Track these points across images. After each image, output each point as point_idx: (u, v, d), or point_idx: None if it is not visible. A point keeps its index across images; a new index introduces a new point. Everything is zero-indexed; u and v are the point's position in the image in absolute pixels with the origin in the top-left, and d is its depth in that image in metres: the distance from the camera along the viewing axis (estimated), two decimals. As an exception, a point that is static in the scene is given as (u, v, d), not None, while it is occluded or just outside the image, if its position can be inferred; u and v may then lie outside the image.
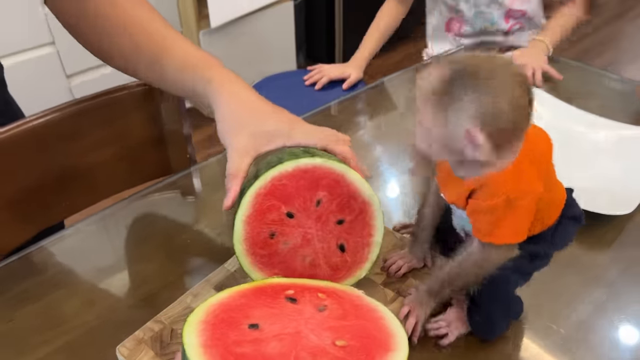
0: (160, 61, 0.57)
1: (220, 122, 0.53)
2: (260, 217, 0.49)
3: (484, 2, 1.16)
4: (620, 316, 0.54)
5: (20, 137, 0.67)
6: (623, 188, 0.67)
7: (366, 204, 0.51)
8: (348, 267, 0.52)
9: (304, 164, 0.49)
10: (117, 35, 0.58)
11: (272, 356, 0.38)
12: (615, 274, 0.59)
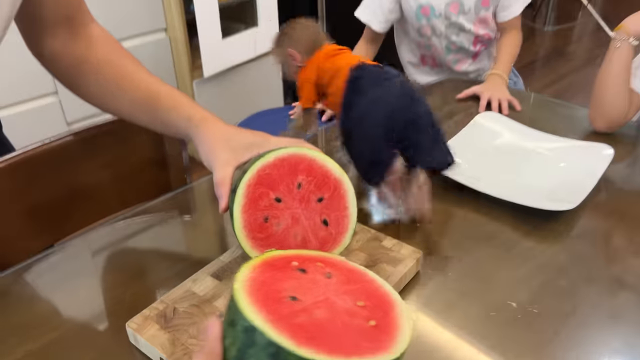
0: (149, 107, 0.67)
1: (201, 145, 0.63)
2: (254, 205, 0.57)
3: (454, 32, 1.30)
4: (569, 296, 0.62)
5: (35, 157, 0.76)
6: (568, 188, 0.76)
7: (338, 181, 0.60)
8: (333, 238, 0.60)
9: (281, 154, 0.58)
10: (111, 87, 0.68)
11: (323, 323, 0.40)
12: (565, 259, 0.68)
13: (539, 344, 0.56)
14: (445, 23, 1.30)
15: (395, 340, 0.41)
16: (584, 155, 0.84)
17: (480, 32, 1.31)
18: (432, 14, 1.29)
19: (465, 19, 1.29)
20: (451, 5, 1.27)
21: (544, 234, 0.72)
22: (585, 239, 0.72)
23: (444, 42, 1.33)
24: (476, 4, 1.27)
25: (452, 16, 1.28)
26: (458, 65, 1.39)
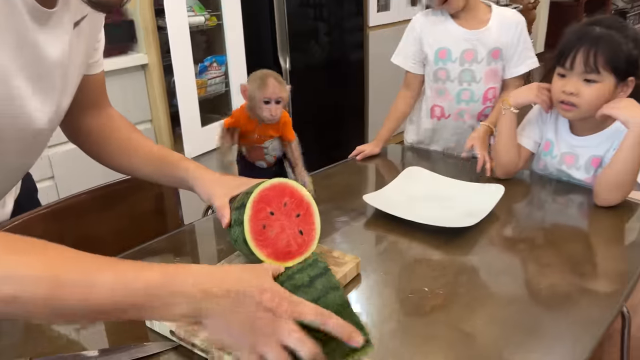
0: (157, 166, 0.94)
1: (201, 188, 0.89)
2: (256, 216, 0.80)
3: (466, 80, 1.42)
4: (463, 283, 0.86)
5: (58, 210, 0.98)
6: (473, 210, 1.02)
7: (309, 203, 0.84)
8: (306, 244, 0.82)
9: (274, 182, 0.82)
10: (129, 153, 0.95)
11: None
12: (464, 263, 0.92)
13: (442, 309, 0.79)
14: (459, 69, 1.41)
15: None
16: (483, 192, 1.11)
17: (489, 83, 1.42)
18: (448, 57, 1.41)
19: (478, 67, 1.40)
20: (466, 53, 1.39)
21: (451, 248, 0.96)
22: (480, 254, 0.97)
23: (456, 88, 1.44)
24: (488, 55, 1.39)
25: (465, 63, 1.40)
26: (464, 117, 1.47)
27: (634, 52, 1.07)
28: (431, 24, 1.44)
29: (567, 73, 1.10)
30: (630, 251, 0.99)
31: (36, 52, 0.74)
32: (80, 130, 0.95)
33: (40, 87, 0.77)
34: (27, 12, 0.70)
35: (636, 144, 1.04)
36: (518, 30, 1.40)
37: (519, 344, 0.72)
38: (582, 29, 1.10)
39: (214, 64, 2.31)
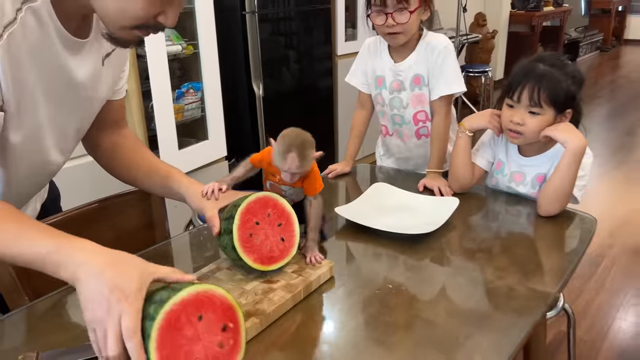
0: (154, 178, 1.06)
1: (191, 198, 1.00)
2: (244, 225, 0.90)
3: (396, 106, 1.51)
4: (420, 279, 0.99)
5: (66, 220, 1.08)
6: (431, 220, 1.15)
7: (289, 214, 0.95)
8: (287, 250, 0.93)
9: (259, 195, 0.93)
10: (134, 166, 1.08)
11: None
12: (436, 264, 1.05)
13: (405, 303, 0.91)
14: (390, 96, 1.51)
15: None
16: (441, 204, 1.25)
17: (417, 107, 1.50)
18: (383, 85, 1.51)
19: (404, 94, 1.49)
20: (395, 83, 1.48)
21: (413, 252, 1.09)
22: (439, 257, 1.10)
23: (390, 113, 1.54)
24: (411, 82, 1.47)
25: (394, 91, 1.49)
26: (403, 137, 1.57)
27: (572, 88, 1.23)
28: (374, 51, 1.53)
29: (514, 105, 1.26)
30: (568, 253, 1.13)
31: (66, 78, 0.84)
32: (96, 145, 1.09)
33: (62, 108, 0.87)
34: (60, 42, 0.80)
35: (572, 162, 1.20)
36: (441, 56, 1.43)
37: (471, 331, 0.84)
38: (529, 66, 1.25)
39: (191, 90, 2.42)
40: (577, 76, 1.25)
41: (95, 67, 0.90)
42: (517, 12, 6.19)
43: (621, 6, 8.74)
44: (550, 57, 1.27)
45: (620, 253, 2.48)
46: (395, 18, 1.36)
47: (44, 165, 0.94)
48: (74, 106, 0.91)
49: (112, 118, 1.08)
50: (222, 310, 0.69)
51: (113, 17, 0.77)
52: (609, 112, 5.00)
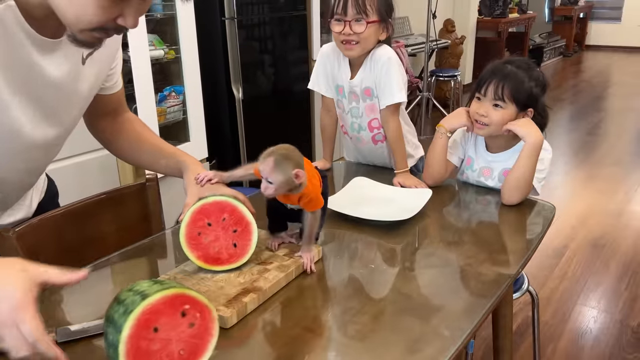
0: (158, 157, 1.15)
1: (185, 180, 1.08)
2: (193, 223, 0.95)
3: (354, 114, 1.58)
4: (392, 260, 1.10)
5: (67, 213, 1.15)
6: (408, 209, 1.26)
7: (249, 223, 0.98)
8: (237, 255, 0.98)
9: (217, 199, 0.98)
10: (137, 146, 1.16)
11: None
12: (412, 247, 1.16)
13: (386, 280, 1.01)
14: (349, 106, 1.58)
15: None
16: (415, 195, 1.36)
17: (371, 115, 1.57)
18: (343, 94, 1.57)
19: (359, 104, 1.56)
20: (352, 94, 1.55)
21: (391, 237, 1.20)
22: (415, 241, 1.21)
23: (349, 120, 1.61)
24: (362, 94, 1.53)
25: (353, 102, 1.56)
26: (362, 142, 1.64)
27: (535, 90, 1.37)
28: (334, 60, 1.56)
29: (482, 98, 1.39)
30: (529, 236, 1.26)
31: (38, 75, 0.86)
32: (99, 129, 1.17)
33: (41, 105, 0.90)
34: (30, 42, 0.82)
35: (530, 154, 1.33)
36: (384, 67, 1.48)
37: (443, 302, 0.95)
38: (497, 66, 1.39)
39: (173, 93, 2.49)
40: (540, 80, 1.38)
41: (73, 66, 0.92)
42: (484, 18, 6.42)
43: (582, 13, 9.11)
44: (518, 61, 1.41)
45: (581, 245, 2.65)
46: (352, 27, 1.42)
47: (25, 150, 0.95)
48: (54, 104, 0.93)
49: (108, 108, 1.14)
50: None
51: (71, 22, 0.79)
52: (572, 113, 5.24)
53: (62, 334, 0.85)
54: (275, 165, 0.93)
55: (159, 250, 1.21)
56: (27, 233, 1.04)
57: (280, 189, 0.96)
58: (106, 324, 0.73)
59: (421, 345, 0.83)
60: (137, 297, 0.70)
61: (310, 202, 1.01)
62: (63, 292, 1.01)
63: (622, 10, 9.15)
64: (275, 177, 0.94)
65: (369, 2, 1.41)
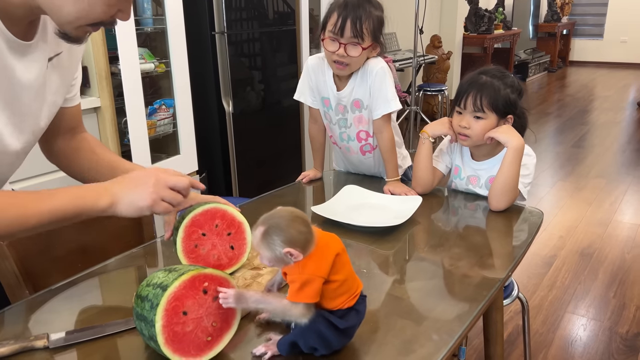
0: (117, 173, 1.09)
1: None
2: (188, 237, 0.94)
3: (343, 125, 1.60)
4: (386, 265, 1.10)
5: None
6: (398, 215, 1.28)
7: (240, 222, 0.99)
8: (236, 257, 0.99)
9: (206, 207, 0.96)
10: (91, 169, 1.11)
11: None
12: (402, 252, 1.17)
13: (378, 284, 1.02)
14: (337, 117, 1.60)
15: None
16: (406, 202, 1.38)
17: (359, 127, 1.59)
18: (330, 106, 1.59)
19: (348, 116, 1.58)
20: (339, 106, 1.57)
21: (382, 243, 1.21)
22: (405, 247, 1.22)
23: (338, 131, 1.63)
24: (351, 106, 1.55)
25: (339, 113, 1.58)
26: (350, 152, 1.66)
27: (512, 96, 1.40)
28: (319, 72, 1.58)
29: (462, 111, 1.41)
30: (518, 241, 1.27)
31: (11, 78, 0.85)
32: (54, 150, 1.10)
33: (13, 110, 0.89)
34: (5, 44, 0.82)
35: (513, 159, 1.35)
36: (377, 78, 1.50)
37: (435, 304, 0.96)
38: (473, 78, 1.41)
39: (163, 107, 2.50)
40: (515, 86, 1.41)
41: (40, 70, 0.91)
42: (469, 34, 6.53)
43: (565, 30, 9.30)
44: (491, 70, 1.44)
45: (569, 254, 2.68)
46: (347, 50, 1.43)
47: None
48: (25, 110, 0.92)
49: (67, 125, 1.09)
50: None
51: (70, 19, 0.80)
52: (558, 126, 5.32)
53: (54, 341, 0.84)
54: (262, 237, 0.75)
55: (151, 259, 1.21)
56: (19, 241, 1.04)
57: (272, 264, 0.77)
58: (137, 322, 0.79)
59: (414, 347, 0.84)
60: (157, 290, 0.75)
61: (296, 284, 0.74)
62: (55, 299, 1.00)
63: (604, 27, 9.36)
64: (262, 252, 0.76)
65: (366, 26, 1.43)
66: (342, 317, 0.78)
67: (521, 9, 8.10)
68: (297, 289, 0.74)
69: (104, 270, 1.10)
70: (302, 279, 0.74)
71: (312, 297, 0.74)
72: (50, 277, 1.10)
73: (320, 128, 1.70)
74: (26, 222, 0.82)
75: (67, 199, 0.85)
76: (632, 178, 3.78)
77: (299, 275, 0.74)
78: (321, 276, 0.74)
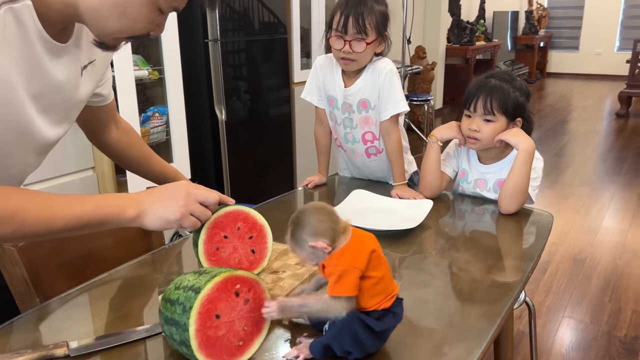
0: (149, 166, 1.20)
1: None
2: (210, 239, 0.91)
3: (348, 125, 1.59)
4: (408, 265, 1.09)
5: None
6: (410, 219, 1.27)
7: (262, 226, 0.97)
8: (257, 261, 0.96)
9: (228, 209, 0.93)
10: (133, 157, 1.20)
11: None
12: (414, 256, 1.16)
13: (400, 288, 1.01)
14: (342, 116, 1.59)
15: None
16: (416, 205, 1.37)
17: (365, 128, 1.58)
18: (335, 105, 1.58)
19: (354, 116, 1.57)
20: (345, 105, 1.56)
21: (397, 246, 1.20)
22: (419, 251, 1.21)
23: (342, 131, 1.62)
24: (358, 106, 1.55)
25: (345, 112, 1.57)
26: (355, 154, 1.64)
27: (520, 99, 1.41)
28: (327, 71, 1.58)
29: (471, 114, 1.42)
30: (531, 243, 1.27)
31: (44, 76, 0.86)
32: (105, 144, 1.21)
33: (45, 104, 0.89)
34: (41, 45, 0.83)
35: (524, 161, 1.36)
36: (387, 78, 1.51)
37: (459, 306, 0.95)
38: (481, 81, 1.42)
39: (156, 114, 2.46)
40: (523, 89, 1.43)
41: (73, 73, 0.93)
42: (452, 45, 6.63)
43: (543, 42, 9.51)
44: (500, 74, 1.45)
45: (562, 260, 2.71)
46: (352, 46, 1.45)
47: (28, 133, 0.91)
48: (59, 107, 0.93)
49: (106, 119, 1.17)
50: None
51: (112, 33, 0.82)
52: (539, 136, 5.41)
53: (75, 349, 0.80)
54: (290, 236, 0.78)
55: (160, 265, 1.17)
56: (29, 247, 0.99)
57: (309, 261, 0.78)
58: (166, 327, 0.75)
59: (446, 350, 0.83)
60: (190, 292, 0.73)
61: (333, 276, 0.74)
62: (65, 307, 0.96)
63: (579, 40, 9.60)
64: (295, 251, 0.78)
65: (369, 21, 1.44)
66: (379, 319, 0.77)
67: (501, 22, 8.26)
68: (334, 282, 0.73)
69: (113, 278, 1.07)
70: (339, 270, 0.73)
71: (351, 289, 0.73)
72: (57, 284, 1.06)
73: (326, 130, 1.69)
74: (53, 224, 0.80)
75: (94, 206, 0.84)
76: (616, 186, 3.86)
77: (336, 267, 0.74)
78: (358, 267, 0.73)
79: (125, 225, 0.86)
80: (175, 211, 0.87)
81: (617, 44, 9.23)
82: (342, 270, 0.73)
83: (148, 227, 0.88)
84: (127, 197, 0.88)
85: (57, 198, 0.83)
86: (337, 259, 0.74)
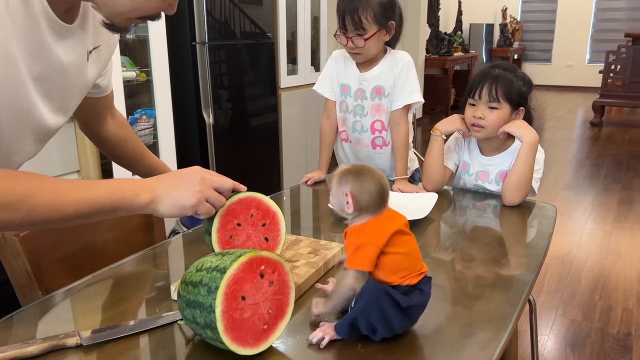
0: (141, 160, 1.17)
1: None
2: (223, 227, 0.88)
3: (358, 113, 1.60)
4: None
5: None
6: (416, 211, 1.25)
7: (275, 213, 0.93)
8: (270, 249, 0.92)
9: (241, 196, 0.91)
10: (127, 150, 1.16)
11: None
12: (423, 245, 1.14)
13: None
14: (354, 103, 1.60)
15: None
16: (422, 199, 1.36)
17: (375, 116, 1.59)
18: (348, 92, 1.60)
19: (366, 103, 1.58)
20: (359, 91, 1.58)
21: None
22: (426, 244, 1.20)
23: (352, 120, 1.62)
24: (372, 92, 1.56)
25: (358, 99, 1.58)
26: (360, 144, 1.65)
27: (524, 88, 1.42)
28: (342, 62, 1.63)
29: (476, 102, 1.42)
30: (536, 236, 1.27)
31: (49, 59, 0.83)
32: (101, 137, 1.15)
33: (48, 88, 0.86)
34: (47, 25, 0.79)
35: (529, 152, 1.36)
36: (404, 68, 1.55)
37: (478, 292, 0.94)
38: (486, 70, 1.43)
39: (144, 117, 2.41)
40: (526, 79, 1.44)
41: (77, 57, 0.89)
42: (431, 56, 6.72)
43: (517, 54, 9.72)
44: (503, 64, 1.47)
45: (551, 260, 2.73)
46: (354, 42, 1.49)
47: (28, 115, 0.87)
48: (62, 90, 0.90)
49: (103, 110, 1.13)
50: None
51: (123, 12, 0.79)
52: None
53: (87, 338, 0.76)
54: (340, 172, 0.80)
55: (162, 259, 1.13)
56: (30, 237, 0.95)
57: (333, 201, 0.81)
58: (188, 310, 0.72)
59: (473, 330, 0.81)
60: (214, 273, 0.70)
61: (350, 248, 0.75)
62: (69, 300, 0.92)
63: (551, 53, 9.85)
64: (332, 185, 0.80)
65: (365, 16, 1.44)
66: (406, 294, 0.75)
67: (477, 34, 8.43)
68: (351, 254, 0.75)
69: (114, 272, 1.02)
70: (356, 243, 0.75)
71: (365, 264, 0.74)
72: (58, 277, 1.01)
73: (332, 124, 1.69)
74: (64, 210, 0.75)
75: (107, 191, 0.80)
76: (596, 190, 3.93)
77: (354, 239, 0.76)
78: (375, 245, 0.74)
79: (137, 211, 0.82)
80: (191, 197, 0.83)
81: (588, 57, 9.50)
82: (359, 244, 0.75)
83: (160, 214, 0.84)
84: (140, 182, 0.84)
85: (67, 182, 0.79)
86: (357, 232, 0.76)
